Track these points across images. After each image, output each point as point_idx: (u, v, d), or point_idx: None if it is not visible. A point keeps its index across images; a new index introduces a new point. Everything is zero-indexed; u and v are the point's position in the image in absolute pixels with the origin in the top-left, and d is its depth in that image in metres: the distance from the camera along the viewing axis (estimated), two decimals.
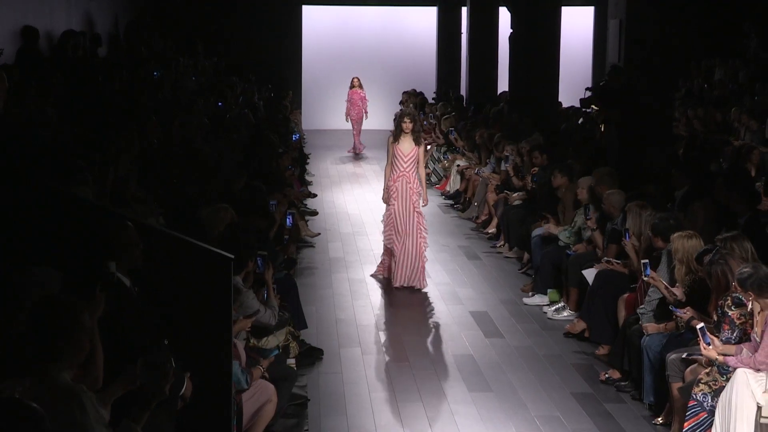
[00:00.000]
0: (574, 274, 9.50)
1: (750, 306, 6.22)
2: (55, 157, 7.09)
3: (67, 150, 7.53)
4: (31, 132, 7.90)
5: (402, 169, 10.64)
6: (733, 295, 6.34)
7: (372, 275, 11.14)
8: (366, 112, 22.59)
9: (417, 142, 10.74)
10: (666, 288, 7.37)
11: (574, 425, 7.08)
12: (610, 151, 12.35)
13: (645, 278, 7.54)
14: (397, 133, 10.80)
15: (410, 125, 10.68)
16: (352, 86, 22.71)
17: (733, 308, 6.38)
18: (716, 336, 6.39)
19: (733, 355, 6.20)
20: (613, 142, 12.52)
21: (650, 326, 7.44)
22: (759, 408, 6.00)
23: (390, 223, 10.72)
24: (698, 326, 6.38)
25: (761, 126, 15.64)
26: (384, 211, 10.96)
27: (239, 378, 5.89)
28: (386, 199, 10.82)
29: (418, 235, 10.62)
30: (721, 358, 6.23)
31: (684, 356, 6.75)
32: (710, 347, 6.27)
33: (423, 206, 10.80)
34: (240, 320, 6.40)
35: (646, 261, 7.55)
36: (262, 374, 6.38)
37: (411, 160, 10.66)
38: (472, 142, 16.07)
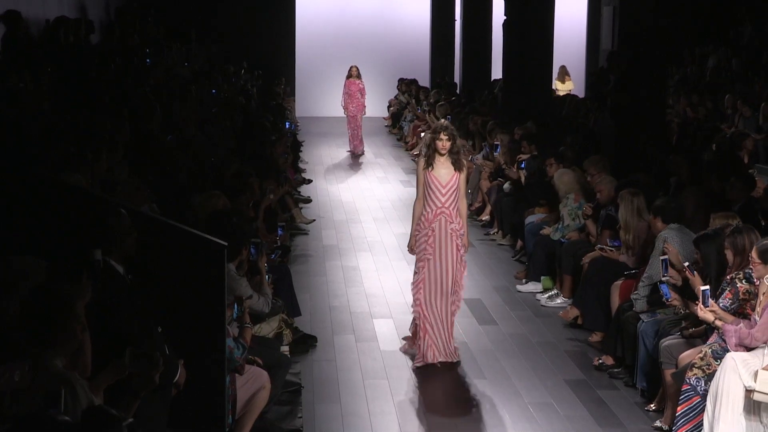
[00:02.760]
0: (568, 262, 9.52)
1: (758, 283, 6.25)
2: (48, 144, 7.07)
3: (59, 137, 7.50)
4: (23, 120, 7.87)
5: (439, 204, 7.78)
6: (746, 270, 6.38)
7: (402, 350, 8.37)
8: (365, 106, 20.24)
9: (457, 167, 7.84)
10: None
11: (568, 412, 7.10)
12: (604, 138, 12.36)
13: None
14: (429, 155, 7.84)
15: (448, 144, 7.79)
16: (349, 76, 20.26)
17: (743, 281, 6.41)
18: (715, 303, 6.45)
19: (730, 323, 6.24)
20: (608, 129, 12.54)
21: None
22: (749, 392, 6.02)
23: (421, 282, 7.90)
24: (703, 288, 6.42)
25: (755, 113, 15.67)
26: (414, 264, 8.02)
27: (234, 351, 5.86)
28: (414, 246, 7.96)
29: (455, 294, 7.95)
30: (719, 322, 6.25)
31: (683, 325, 6.82)
32: (707, 309, 6.29)
33: (462, 254, 7.97)
34: (232, 304, 6.39)
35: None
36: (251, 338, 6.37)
37: (451, 192, 7.80)
38: (465, 129, 16.06)
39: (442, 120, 8.23)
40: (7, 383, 4.00)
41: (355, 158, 19.59)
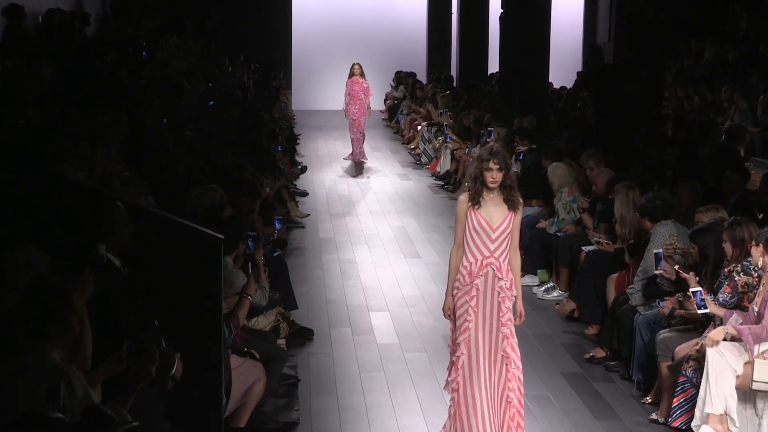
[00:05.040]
0: (564, 255, 9.54)
1: (756, 274, 6.26)
2: (45, 139, 7.07)
3: (56, 131, 7.50)
4: (19, 113, 7.87)
5: (487, 253, 5.98)
6: (744, 262, 6.39)
7: None
8: (369, 109, 17.77)
9: (511, 205, 6.01)
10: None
11: (564, 404, 7.12)
12: (594, 131, 12.39)
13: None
14: (475, 190, 6.01)
15: (499, 175, 5.95)
16: (351, 74, 17.69)
17: (741, 274, 6.43)
18: (712, 300, 6.47)
19: (721, 317, 6.29)
20: (598, 122, 12.58)
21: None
22: (738, 377, 6.06)
23: (462, 354, 6.00)
24: (692, 290, 6.46)
25: (751, 106, 15.69)
26: (451, 331, 6.20)
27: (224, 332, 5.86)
28: (451, 308, 6.12)
29: (506, 369, 6.03)
30: (731, 329, 6.20)
31: (675, 316, 6.86)
32: (718, 328, 6.29)
33: (517, 323, 6.17)
34: (229, 297, 6.41)
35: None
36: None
37: (503, 237, 5.99)
38: (460, 124, 16.08)
39: (491, 143, 6.60)
40: None
41: (350, 148, 18.14)
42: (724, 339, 6.25)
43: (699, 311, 6.45)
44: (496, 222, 5.97)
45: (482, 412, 5.94)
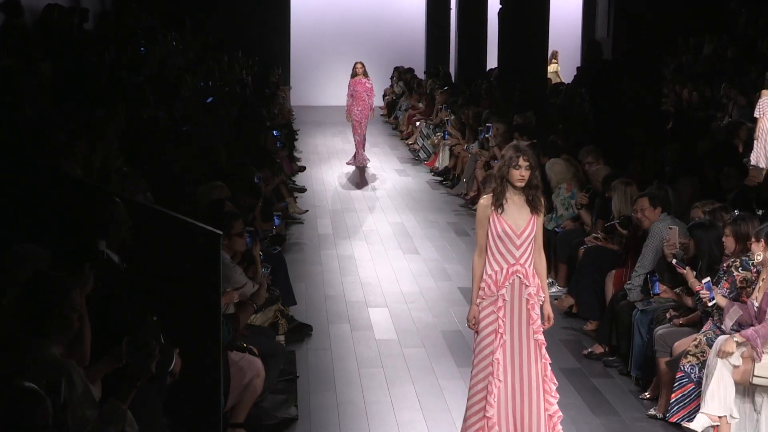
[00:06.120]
0: (563, 251, 9.55)
1: (755, 270, 6.27)
2: (42, 134, 7.07)
3: (54, 127, 7.50)
4: (19, 110, 7.87)
5: (512, 260, 5.66)
6: (742, 258, 6.41)
7: None
8: (372, 110, 17.07)
9: (534, 207, 5.66)
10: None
11: (562, 400, 7.06)
12: (592, 127, 12.41)
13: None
14: (500, 192, 5.67)
15: (527, 173, 5.60)
16: (354, 74, 16.92)
17: (739, 270, 6.44)
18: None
19: (722, 307, 6.32)
20: (597, 118, 12.60)
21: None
22: (738, 369, 6.06)
23: (486, 366, 5.67)
24: (704, 280, 6.47)
25: (749, 102, 15.70)
26: (475, 342, 5.79)
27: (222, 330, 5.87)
28: (476, 317, 5.75)
29: (542, 383, 5.79)
30: (739, 337, 6.15)
31: (672, 314, 6.87)
32: (731, 338, 6.29)
33: (544, 327, 5.77)
34: (227, 292, 6.41)
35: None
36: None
37: (528, 242, 5.66)
38: (459, 119, 16.08)
39: (516, 140, 6.16)
40: None
41: (349, 144, 17.95)
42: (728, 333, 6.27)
43: (710, 303, 6.46)
44: (521, 227, 5.62)
45: (506, 421, 5.70)
